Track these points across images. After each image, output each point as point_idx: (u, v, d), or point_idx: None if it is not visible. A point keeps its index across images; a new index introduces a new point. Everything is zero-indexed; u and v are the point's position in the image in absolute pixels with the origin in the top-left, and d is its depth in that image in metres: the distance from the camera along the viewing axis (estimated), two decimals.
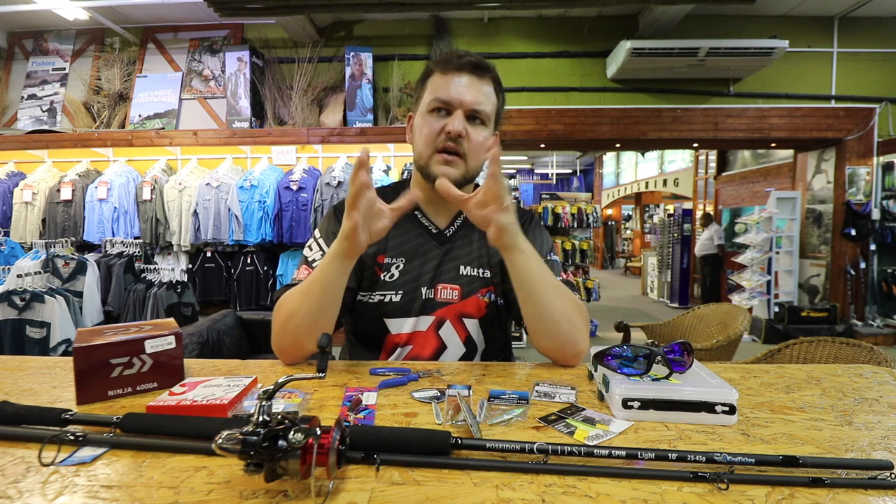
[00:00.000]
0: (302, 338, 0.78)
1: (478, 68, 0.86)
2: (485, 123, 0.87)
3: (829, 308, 4.65)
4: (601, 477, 0.44)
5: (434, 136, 0.85)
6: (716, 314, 2.27)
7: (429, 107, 0.87)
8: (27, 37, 4.94)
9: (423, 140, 0.87)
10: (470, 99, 0.84)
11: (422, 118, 0.88)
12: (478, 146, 0.86)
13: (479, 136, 0.86)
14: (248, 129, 4.37)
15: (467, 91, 0.84)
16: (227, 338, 2.28)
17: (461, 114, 0.84)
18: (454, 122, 0.83)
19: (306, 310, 0.77)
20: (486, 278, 0.92)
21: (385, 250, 0.92)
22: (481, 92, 0.86)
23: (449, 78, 0.85)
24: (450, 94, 0.84)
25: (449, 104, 0.85)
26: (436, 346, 0.89)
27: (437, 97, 0.85)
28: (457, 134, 0.83)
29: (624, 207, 14.46)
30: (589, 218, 5.12)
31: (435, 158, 0.86)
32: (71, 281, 3.29)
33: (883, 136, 4.65)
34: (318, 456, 0.39)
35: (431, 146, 0.86)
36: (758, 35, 4.39)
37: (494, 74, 0.89)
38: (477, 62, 0.86)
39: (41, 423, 0.53)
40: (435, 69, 0.88)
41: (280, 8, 3.77)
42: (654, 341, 0.68)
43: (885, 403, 0.65)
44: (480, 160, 0.89)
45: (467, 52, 0.88)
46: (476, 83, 0.85)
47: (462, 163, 0.86)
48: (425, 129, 0.86)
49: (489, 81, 0.87)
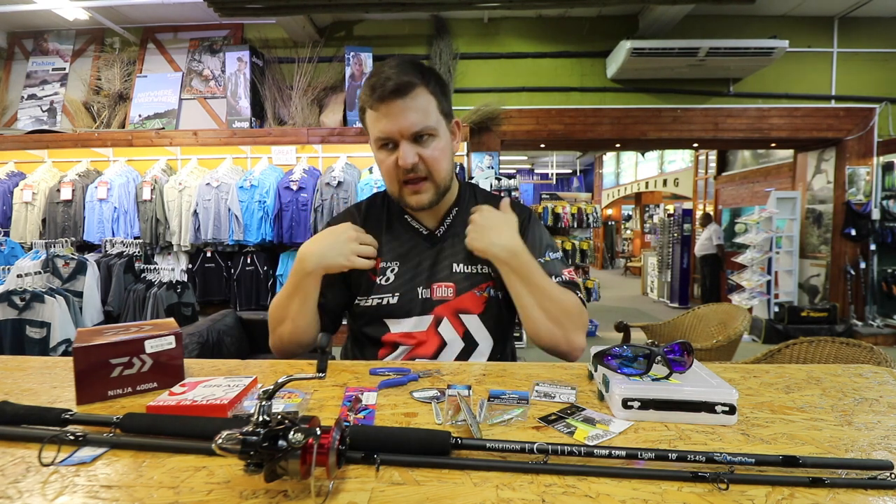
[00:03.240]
0: (286, 342, 0.89)
1: (400, 90, 0.80)
2: (433, 135, 0.86)
3: (829, 308, 4.65)
4: (601, 477, 0.44)
5: (392, 171, 0.87)
6: (716, 314, 2.27)
7: (376, 144, 0.88)
8: (27, 37, 4.94)
9: (386, 177, 0.90)
10: (406, 125, 0.82)
11: (377, 152, 0.89)
12: (434, 161, 0.86)
13: (434, 150, 0.86)
14: (248, 129, 4.37)
15: (401, 118, 0.82)
16: (227, 338, 2.27)
17: (406, 143, 0.83)
18: (403, 156, 0.83)
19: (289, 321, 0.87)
20: (485, 273, 0.93)
21: (380, 254, 0.93)
22: (415, 111, 0.82)
23: (379, 112, 0.83)
24: (387, 129, 0.83)
25: (390, 138, 0.84)
26: (437, 343, 0.90)
27: (377, 136, 0.85)
28: (410, 165, 0.84)
29: (624, 207, 14.46)
30: (589, 218, 5.12)
31: (404, 191, 0.89)
32: (71, 281, 3.28)
33: (883, 136, 4.65)
34: (318, 456, 0.39)
35: (395, 180, 0.88)
36: (758, 35, 4.38)
37: (419, 76, 0.83)
38: (397, 84, 0.80)
39: (41, 423, 0.53)
40: (365, 105, 0.86)
41: (280, 8, 3.77)
42: (654, 341, 0.68)
43: (885, 403, 0.64)
44: (447, 169, 0.89)
45: (387, 72, 0.82)
46: (405, 104, 0.81)
47: (429, 183, 0.88)
48: (383, 167, 0.88)
49: (419, 91, 0.82)
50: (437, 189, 0.89)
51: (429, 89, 0.84)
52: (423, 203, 0.88)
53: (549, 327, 0.83)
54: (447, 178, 0.90)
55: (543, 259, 0.92)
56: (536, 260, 0.89)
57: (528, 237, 0.94)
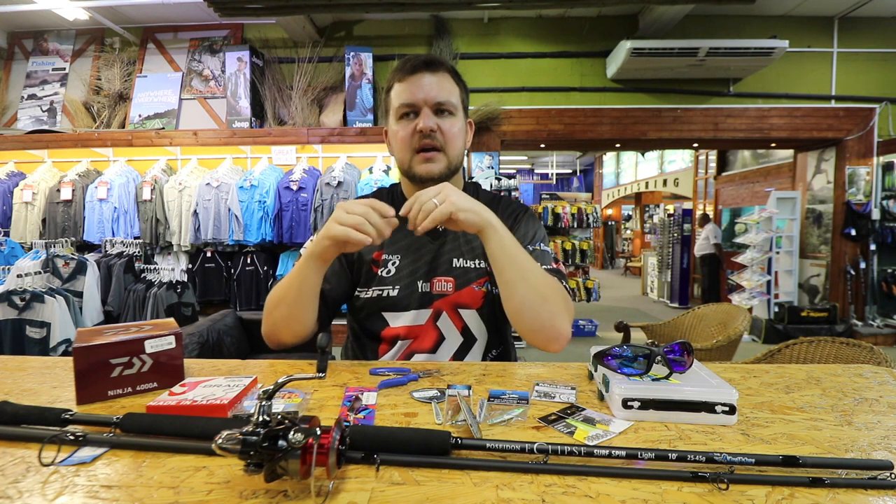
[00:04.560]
0: (280, 329, 0.84)
1: (431, 64, 0.88)
2: (453, 113, 0.90)
3: (829, 308, 4.65)
4: (601, 477, 0.44)
5: (409, 138, 0.88)
6: (716, 314, 2.27)
7: (397, 114, 0.90)
8: (27, 37, 4.94)
9: (400, 145, 0.90)
10: (433, 94, 0.87)
11: (394, 125, 0.92)
12: (453, 136, 0.90)
13: (453, 126, 0.90)
14: (248, 129, 4.37)
15: (428, 88, 0.87)
16: (227, 338, 2.28)
17: (428, 111, 0.87)
18: (424, 119, 0.87)
19: (285, 305, 0.82)
20: (482, 268, 0.94)
21: (382, 247, 0.94)
22: (441, 86, 0.88)
23: (408, 82, 0.88)
24: (413, 95, 0.87)
25: (414, 105, 0.88)
26: (435, 337, 0.91)
27: (401, 103, 0.89)
28: (429, 130, 0.87)
29: (624, 207, 14.46)
30: (589, 218, 5.13)
31: (416, 159, 0.89)
32: (71, 281, 3.29)
33: (883, 136, 4.65)
34: (318, 456, 0.39)
35: (409, 149, 0.89)
36: (758, 35, 4.39)
37: (449, 66, 0.92)
38: (429, 59, 0.89)
39: (41, 423, 0.53)
40: (394, 80, 0.91)
41: (280, 8, 3.77)
42: (654, 341, 0.68)
43: (885, 403, 0.64)
44: (459, 148, 0.93)
45: (419, 54, 0.91)
46: (434, 78, 0.88)
47: (442, 155, 0.90)
48: (400, 134, 0.90)
49: (446, 73, 0.90)
50: (448, 164, 0.90)
51: (454, 78, 0.92)
52: (434, 173, 0.89)
53: (534, 307, 0.77)
54: (458, 159, 0.93)
55: (533, 247, 0.91)
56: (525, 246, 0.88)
57: (519, 227, 0.95)
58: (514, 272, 0.77)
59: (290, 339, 0.85)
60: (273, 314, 0.84)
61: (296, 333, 0.85)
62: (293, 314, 0.83)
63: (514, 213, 0.99)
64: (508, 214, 0.99)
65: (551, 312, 0.77)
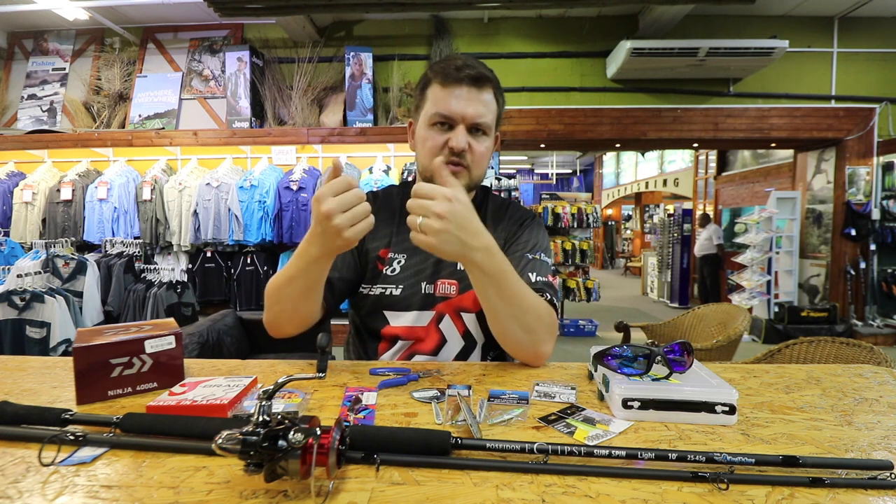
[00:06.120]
0: (283, 321, 0.83)
1: (478, 81, 0.85)
2: (486, 133, 0.88)
3: (829, 308, 4.65)
4: (601, 477, 0.44)
5: (437, 150, 0.86)
6: (716, 314, 2.27)
7: (430, 120, 0.87)
8: (27, 37, 4.94)
9: (428, 154, 0.88)
10: (472, 112, 0.84)
11: (424, 130, 0.89)
12: (480, 156, 0.88)
13: (482, 146, 0.88)
14: (248, 129, 4.37)
15: (468, 104, 0.84)
16: (227, 338, 2.28)
17: (463, 129, 0.85)
18: (457, 137, 0.84)
19: (289, 301, 0.80)
20: None
21: (389, 245, 0.94)
22: (482, 103, 0.86)
23: (449, 91, 0.85)
24: (451, 108, 0.84)
25: (451, 119, 0.85)
26: (437, 340, 0.90)
27: (438, 111, 0.85)
28: (460, 150, 0.85)
29: (624, 207, 14.46)
30: (589, 218, 5.13)
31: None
32: (71, 281, 3.29)
33: (883, 136, 4.65)
34: (318, 456, 0.39)
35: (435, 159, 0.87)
36: (758, 35, 4.39)
37: (494, 81, 0.89)
38: (477, 75, 0.85)
39: (41, 423, 0.53)
40: (434, 79, 0.87)
41: (280, 8, 3.77)
42: (654, 341, 0.68)
43: (885, 403, 0.64)
44: (484, 167, 0.91)
45: (466, 60, 0.87)
46: (476, 95, 0.85)
47: (466, 173, 0.88)
48: (429, 143, 0.87)
49: (489, 90, 0.87)
50: (470, 182, 0.89)
51: (496, 94, 0.89)
52: None
53: (518, 337, 0.78)
54: (479, 178, 0.91)
55: (532, 256, 0.91)
56: (525, 254, 0.89)
57: (523, 234, 0.95)
58: (497, 302, 0.75)
59: (293, 330, 0.84)
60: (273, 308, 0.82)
61: (299, 326, 0.84)
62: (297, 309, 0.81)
63: (521, 220, 0.99)
64: (515, 220, 0.98)
65: (534, 342, 0.78)
